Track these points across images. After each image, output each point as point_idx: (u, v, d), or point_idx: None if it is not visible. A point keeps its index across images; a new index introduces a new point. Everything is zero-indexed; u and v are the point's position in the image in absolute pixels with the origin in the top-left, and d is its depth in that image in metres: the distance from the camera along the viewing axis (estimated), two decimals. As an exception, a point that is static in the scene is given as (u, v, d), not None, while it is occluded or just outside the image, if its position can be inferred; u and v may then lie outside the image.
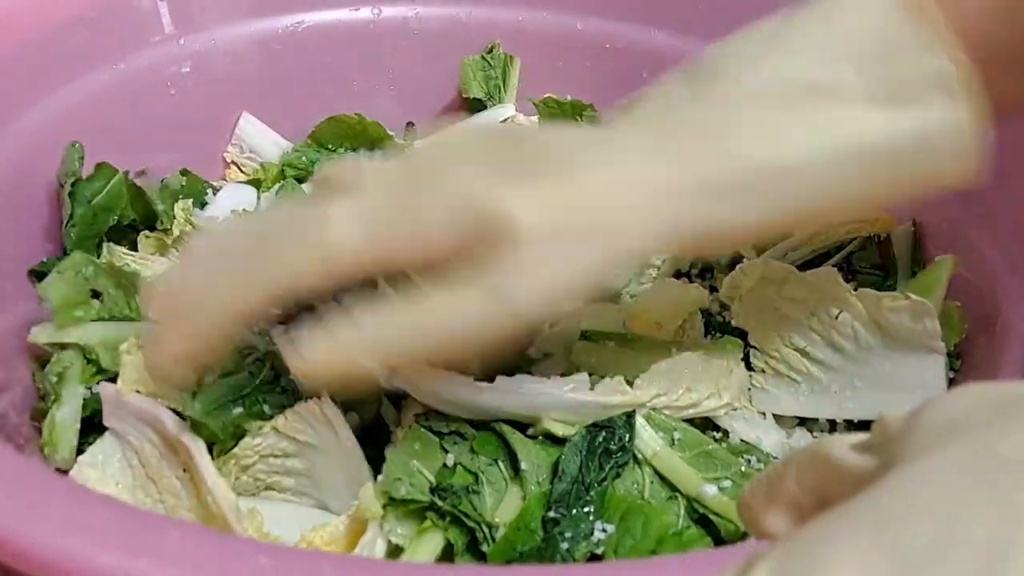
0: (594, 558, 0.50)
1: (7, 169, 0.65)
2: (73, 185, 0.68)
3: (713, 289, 0.69)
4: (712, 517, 0.52)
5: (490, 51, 0.90)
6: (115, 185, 0.70)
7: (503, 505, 0.52)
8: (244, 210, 0.77)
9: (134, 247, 0.73)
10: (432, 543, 0.50)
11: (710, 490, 0.52)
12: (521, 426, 0.55)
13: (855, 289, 0.58)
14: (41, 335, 0.61)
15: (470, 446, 0.53)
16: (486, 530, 0.50)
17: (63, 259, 0.66)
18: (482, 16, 0.89)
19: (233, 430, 0.54)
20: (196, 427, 0.53)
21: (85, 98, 0.72)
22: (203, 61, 0.80)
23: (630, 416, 0.54)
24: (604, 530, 0.51)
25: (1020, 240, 0.62)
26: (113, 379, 0.58)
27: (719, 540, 0.51)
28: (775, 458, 0.57)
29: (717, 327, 0.66)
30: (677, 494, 0.53)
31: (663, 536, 0.50)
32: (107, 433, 0.55)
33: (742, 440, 0.58)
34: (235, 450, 0.53)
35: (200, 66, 0.80)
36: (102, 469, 0.55)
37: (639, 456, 0.54)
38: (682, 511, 0.52)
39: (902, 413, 0.29)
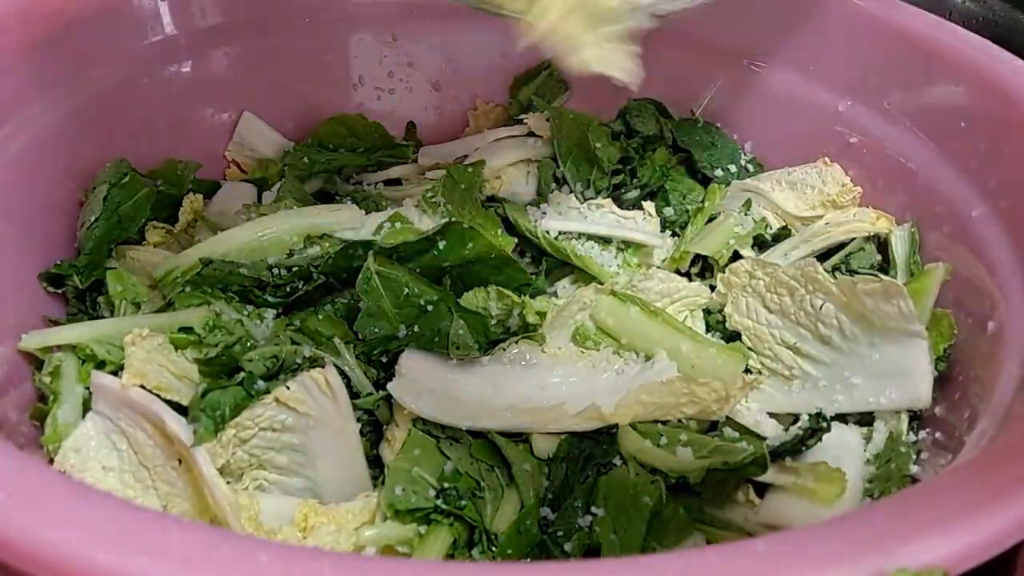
0: (591, 552, 0.51)
1: (6, 169, 0.65)
2: (107, 191, 0.69)
3: (711, 288, 0.69)
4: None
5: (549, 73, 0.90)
6: (142, 197, 0.71)
7: (500, 512, 0.53)
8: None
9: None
10: (439, 542, 0.51)
11: (683, 452, 0.54)
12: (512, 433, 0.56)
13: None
14: (32, 341, 0.61)
15: (468, 451, 0.54)
16: (484, 537, 0.51)
17: (78, 261, 0.67)
18: (480, 16, 0.89)
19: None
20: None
21: (86, 98, 0.72)
22: (203, 60, 0.80)
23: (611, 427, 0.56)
24: (594, 513, 0.52)
25: (1021, 241, 0.63)
26: (114, 372, 0.59)
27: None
28: (765, 439, 0.58)
29: (715, 327, 0.67)
30: (659, 476, 0.54)
31: (656, 508, 0.52)
32: (89, 416, 0.56)
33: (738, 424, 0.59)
34: (237, 419, 0.54)
35: (201, 65, 0.80)
36: (86, 453, 0.55)
37: (624, 455, 0.55)
38: (664, 491, 0.53)
39: None
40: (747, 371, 0.62)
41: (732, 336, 0.65)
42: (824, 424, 0.57)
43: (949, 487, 0.40)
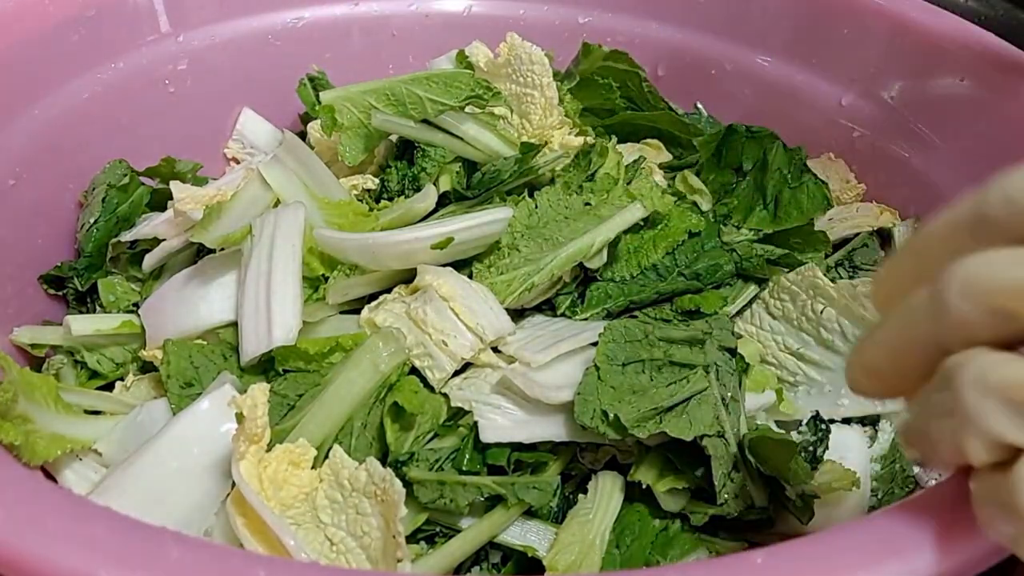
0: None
1: (6, 171, 0.65)
2: (106, 192, 0.69)
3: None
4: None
5: None
6: (138, 197, 0.71)
7: None
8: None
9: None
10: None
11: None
12: None
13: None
14: (24, 335, 0.62)
15: None
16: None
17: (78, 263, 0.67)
18: (484, 10, 0.89)
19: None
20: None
21: (84, 97, 0.72)
22: (201, 58, 0.80)
23: None
24: None
25: None
26: (109, 386, 0.59)
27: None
28: None
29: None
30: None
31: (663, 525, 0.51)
32: None
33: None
34: None
35: (198, 63, 0.80)
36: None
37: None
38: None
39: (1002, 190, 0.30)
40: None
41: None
42: (823, 426, 0.56)
43: (949, 495, 0.39)
